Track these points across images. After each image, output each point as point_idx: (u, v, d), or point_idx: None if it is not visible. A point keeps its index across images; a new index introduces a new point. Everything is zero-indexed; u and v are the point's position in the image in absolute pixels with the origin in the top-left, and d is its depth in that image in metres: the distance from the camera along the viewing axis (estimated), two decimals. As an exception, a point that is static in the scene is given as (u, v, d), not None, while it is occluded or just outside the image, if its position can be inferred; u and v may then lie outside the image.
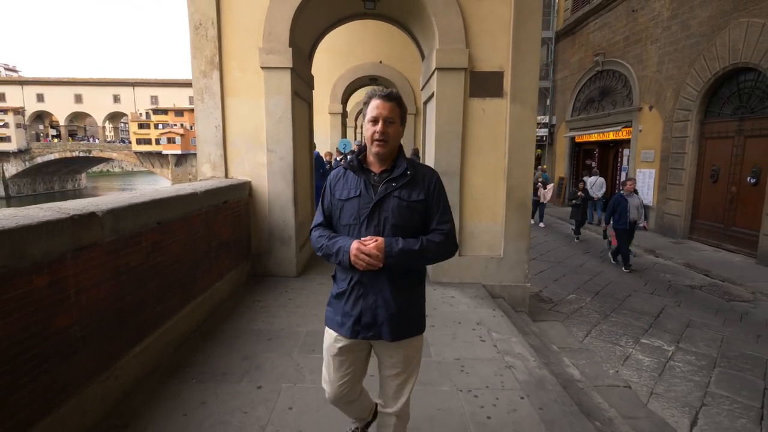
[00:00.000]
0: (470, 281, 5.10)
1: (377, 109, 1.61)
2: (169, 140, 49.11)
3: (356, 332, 1.66)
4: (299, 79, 5.36)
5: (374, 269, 1.57)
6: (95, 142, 52.69)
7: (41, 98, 52.76)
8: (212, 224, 4.02)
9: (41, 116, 53.96)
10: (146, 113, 53.77)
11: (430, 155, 5.34)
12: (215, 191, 4.04)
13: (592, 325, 5.24)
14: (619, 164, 13.82)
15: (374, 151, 1.64)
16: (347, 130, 14.72)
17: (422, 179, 1.68)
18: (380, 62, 11.68)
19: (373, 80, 12.11)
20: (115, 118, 58.17)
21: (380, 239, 1.57)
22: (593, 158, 15.15)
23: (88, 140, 53.70)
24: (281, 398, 2.64)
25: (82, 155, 46.30)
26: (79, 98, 53.64)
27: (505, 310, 4.54)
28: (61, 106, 53.13)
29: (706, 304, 6.09)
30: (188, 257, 3.51)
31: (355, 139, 16.45)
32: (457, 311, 4.28)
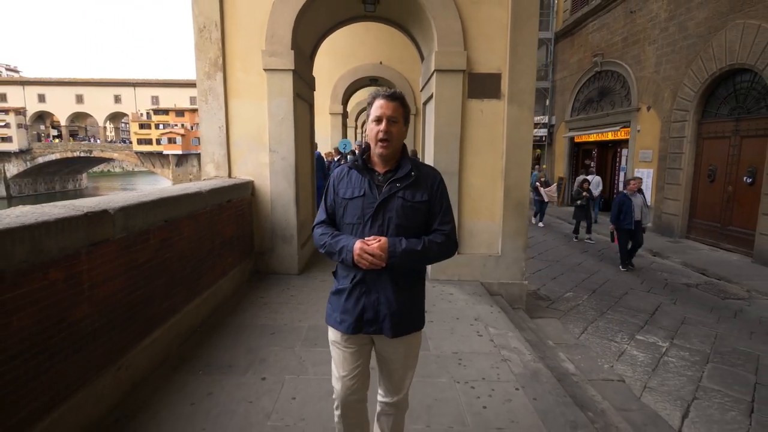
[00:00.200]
0: (469, 279, 5.20)
1: (381, 108, 1.63)
2: (169, 140, 49.25)
3: (358, 328, 1.68)
4: (301, 80, 5.46)
5: (377, 268, 1.59)
6: (96, 142, 52.91)
7: (42, 98, 52.96)
8: (216, 222, 4.12)
9: (42, 116, 54.12)
10: (147, 113, 53.91)
11: (429, 155, 5.42)
12: (219, 190, 4.14)
13: (588, 322, 5.33)
14: (617, 164, 13.93)
15: (377, 152, 1.67)
16: (347, 130, 14.82)
17: (426, 180, 1.70)
18: (380, 63, 11.78)
19: (373, 81, 12.21)
20: (116, 118, 58.35)
21: (383, 239, 1.58)
22: (592, 158, 15.25)
23: (89, 140, 53.92)
24: (285, 389, 2.75)
25: (83, 155, 46.50)
26: (80, 98, 53.85)
27: (502, 306, 4.63)
28: (62, 106, 53.30)
29: (701, 301, 6.18)
30: (194, 254, 3.61)
31: (355, 139, 16.55)
32: (455, 307, 4.37)
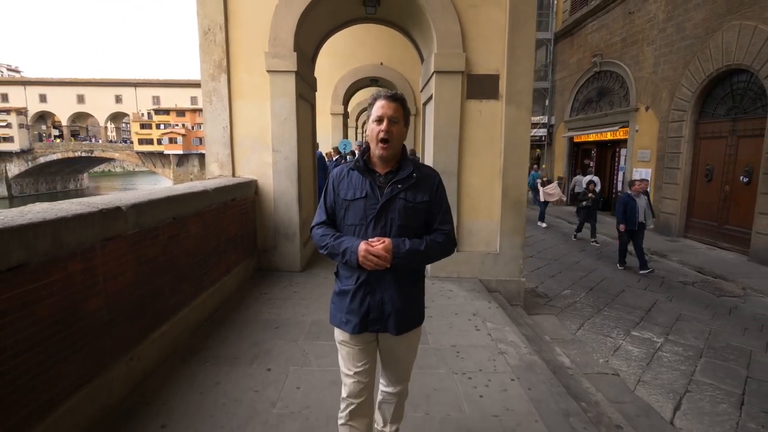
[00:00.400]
0: (467, 276, 5.30)
1: (382, 108, 1.66)
2: (170, 140, 49.43)
3: (363, 328, 1.71)
4: (303, 81, 5.56)
5: (381, 269, 1.62)
6: (97, 142, 53.12)
7: (44, 99, 53.17)
8: (221, 220, 4.23)
9: (44, 116, 54.34)
10: (148, 113, 54.12)
11: (429, 155, 5.53)
12: (224, 189, 4.25)
13: (585, 318, 5.44)
14: (616, 164, 14.02)
15: (378, 153, 1.69)
16: (348, 130, 14.93)
17: (426, 181, 1.74)
18: (381, 64, 11.89)
19: (374, 81, 12.31)
20: (117, 118, 58.56)
21: (387, 240, 1.60)
22: (591, 158, 15.35)
23: (90, 140, 54.16)
24: (289, 379, 2.86)
25: (84, 155, 46.67)
26: (81, 98, 54.06)
27: (500, 302, 4.74)
28: (63, 106, 53.52)
29: (697, 299, 6.28)
30: (200, 251, 3.72)
31: (356, 139, 16.65)
32: (454, 303, 4.48)
